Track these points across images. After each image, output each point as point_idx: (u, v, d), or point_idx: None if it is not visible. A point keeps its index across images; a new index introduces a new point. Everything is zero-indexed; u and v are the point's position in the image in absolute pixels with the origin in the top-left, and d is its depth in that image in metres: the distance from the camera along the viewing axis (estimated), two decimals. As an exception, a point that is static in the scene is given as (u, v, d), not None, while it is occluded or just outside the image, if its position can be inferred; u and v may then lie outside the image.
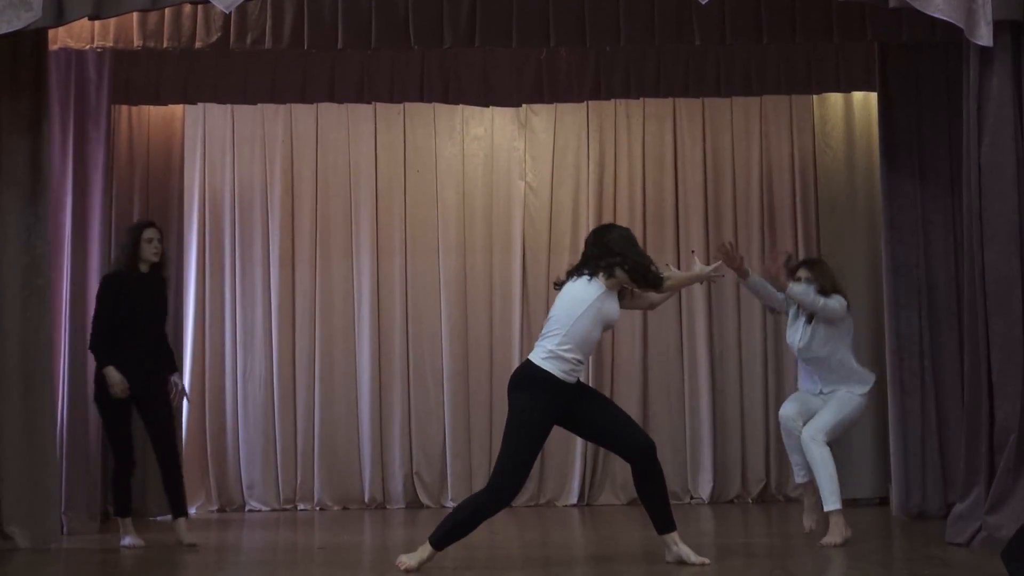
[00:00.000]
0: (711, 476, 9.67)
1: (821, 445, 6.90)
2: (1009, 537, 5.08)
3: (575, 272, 6.09)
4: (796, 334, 7.16)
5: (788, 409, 7.12)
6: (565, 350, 5.92)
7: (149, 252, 7.50)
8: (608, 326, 6.08)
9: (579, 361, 5.97)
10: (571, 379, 5.97)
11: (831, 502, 6.88)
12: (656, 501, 6.06)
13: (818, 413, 7.03)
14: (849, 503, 8.94)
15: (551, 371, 5.91)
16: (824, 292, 7.04)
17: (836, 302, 7.01)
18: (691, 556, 5.96)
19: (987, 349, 6.66)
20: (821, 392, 7.14)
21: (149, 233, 7.53)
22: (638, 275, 6.02)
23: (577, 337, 5.94)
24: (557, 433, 9.47)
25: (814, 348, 7.08)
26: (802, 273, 7.21)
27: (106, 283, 7.57)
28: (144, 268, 7.54)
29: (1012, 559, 4.81)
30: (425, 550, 5.93)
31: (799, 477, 7.18)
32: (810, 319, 7.10)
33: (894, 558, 6.58)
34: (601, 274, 6.00)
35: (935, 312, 8.40)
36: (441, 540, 5.94)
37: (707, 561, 5.94)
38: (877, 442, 8.76)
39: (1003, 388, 6.59)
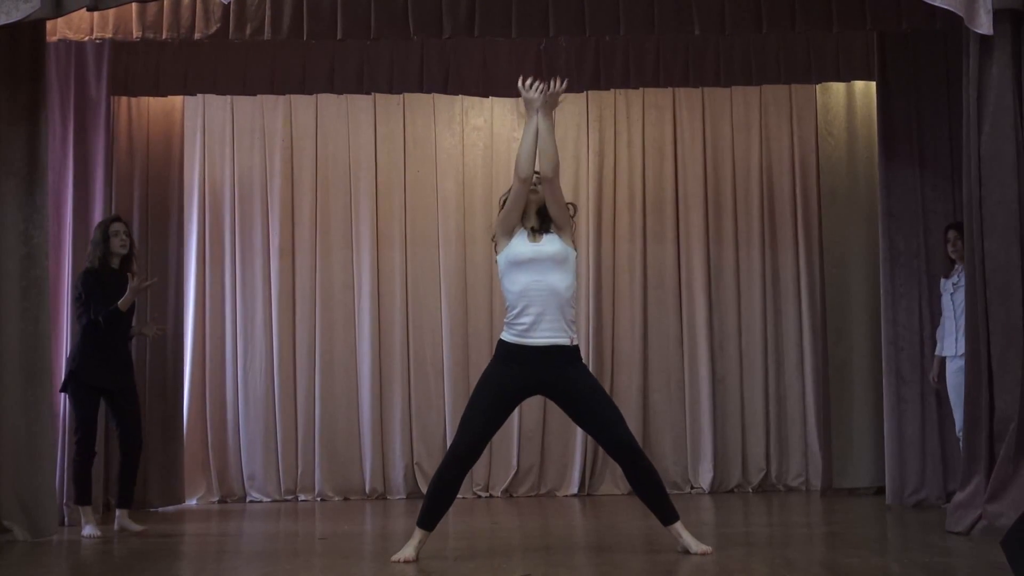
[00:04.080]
0: (711, 466, 9.69)
1: None
2: (1009, 526, 5.08)
3: None
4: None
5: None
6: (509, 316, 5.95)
7: (116, 245, 7.64)
8: (519, 262, 5.88)
9: (519, 319, 5.86)
10: (522, 341, 5.88)
11: None
12: (649, 496, 6.03)
13: None
14: (847, 492, 8.99)
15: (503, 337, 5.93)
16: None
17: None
18: (692, 546, 5.96)
19: (987, 338, 6.66)
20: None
21: (116, 227, 7.69)
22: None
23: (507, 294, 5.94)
24: (557, 424, 9.61)
25: None
26: (951, 235, 8.08)
27: (88, 275, 7.64)
28: (115, 264, 7.68)
29: (1012, 547, 4.82)
30: (416, 535, 5.96)
31: None
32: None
33: (894, 547, 6.58)
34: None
35: (935, 301, 8.40)
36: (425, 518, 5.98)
37: (709, 550, 5.94)
38: (876, 431, 8.76)
39: (1003, 377, 6.58)
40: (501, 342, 5.95)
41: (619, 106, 10.01)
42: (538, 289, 5.85)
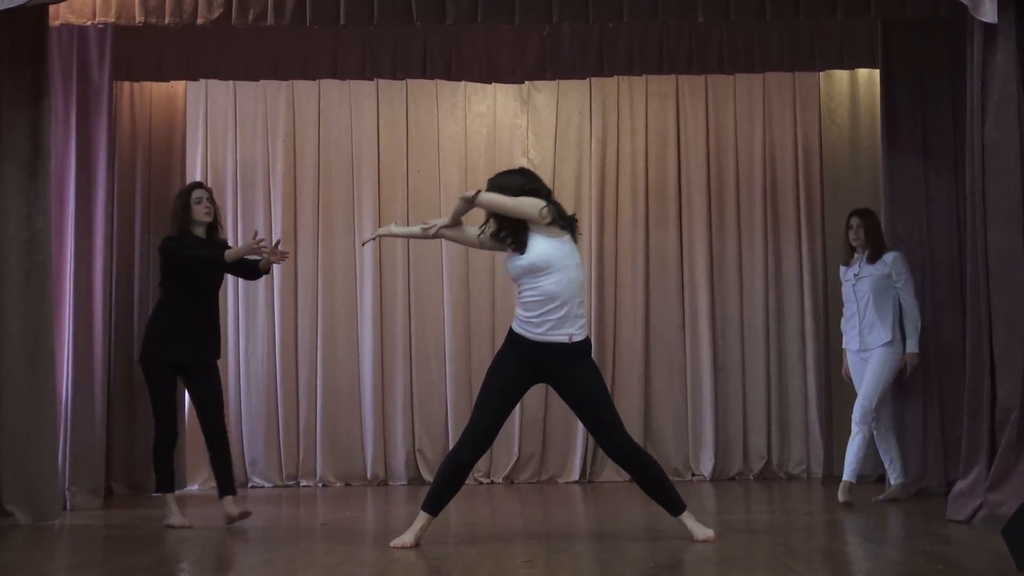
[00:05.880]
0: (713, 453, 9.69)
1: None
2: (1010, 515, 5.09)
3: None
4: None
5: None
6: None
7: (200, 212, 7.12)
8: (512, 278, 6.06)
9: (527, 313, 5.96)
10: (526, 334, 5.94)
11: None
12: (654, 492, 6.05)
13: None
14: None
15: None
16: (875, 245, 7.98)
17: (907, 283, 7.97)
18: (695, 532, 5.97)
19: (989, 327, 6.66)
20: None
21: (198, 194, 7.18)
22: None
23: None
24: (559, 411, 9.60)
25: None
26: (854, 222, 8.03)
27: (169, 240, 7.10)
28: (200, 232, 7.15)
29: (1013, 536, 4.83)
30: (419, 519, 5.98)
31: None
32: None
33: (895, 535, 6.59)
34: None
35: (937, 289, 8.39)
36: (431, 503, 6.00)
37: (711, 537, 5.94)
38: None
39: (1005, 366, 6.59)
40: (510, 329, 6.02)
41: (622, 93, 9.99)
42: (533, 296, 5.90)
